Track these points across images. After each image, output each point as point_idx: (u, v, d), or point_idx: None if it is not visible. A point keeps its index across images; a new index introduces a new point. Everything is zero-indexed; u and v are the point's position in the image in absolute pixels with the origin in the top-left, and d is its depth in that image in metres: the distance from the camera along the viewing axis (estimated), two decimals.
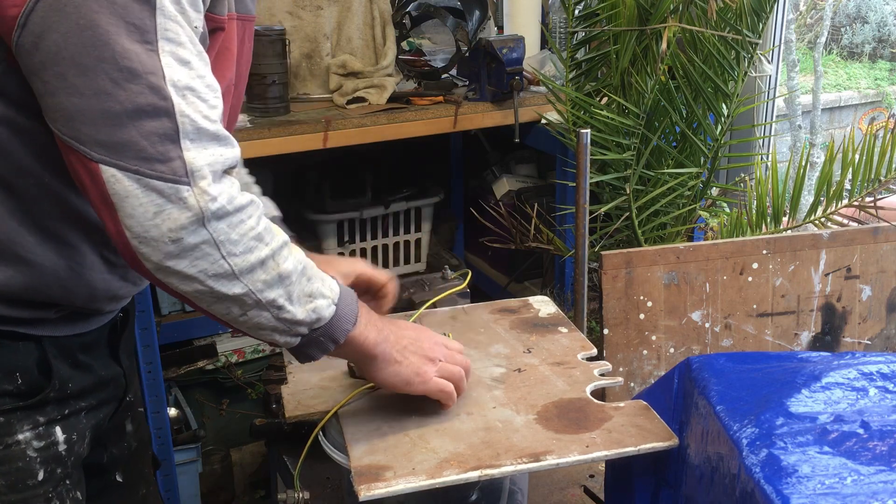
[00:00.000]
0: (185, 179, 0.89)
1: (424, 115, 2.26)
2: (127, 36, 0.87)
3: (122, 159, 0.88)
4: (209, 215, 0.91)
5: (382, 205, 2.72)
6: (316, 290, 1.02)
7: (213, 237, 0.92)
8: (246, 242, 0.94)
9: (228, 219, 0.93)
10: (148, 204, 0.89)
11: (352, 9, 2.34)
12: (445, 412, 1.20)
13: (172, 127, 0.89)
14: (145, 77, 0.88)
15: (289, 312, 0.99)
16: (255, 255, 0.95)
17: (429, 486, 1.05)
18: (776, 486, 0.87)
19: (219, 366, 2.51)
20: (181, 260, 0.91)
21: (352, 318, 1.06)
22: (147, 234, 0.90)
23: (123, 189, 0.88)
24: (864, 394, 1.02)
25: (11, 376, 1.03)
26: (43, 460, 1.06)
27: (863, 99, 8.48)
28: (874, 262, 1.84)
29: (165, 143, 0.89)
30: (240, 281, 0.95)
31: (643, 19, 2.09)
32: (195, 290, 0.94)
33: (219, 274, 0.93)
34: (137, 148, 0.88)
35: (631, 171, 2.12)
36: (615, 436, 1.14)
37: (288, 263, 0.98)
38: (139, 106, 0.87)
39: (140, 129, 0.88)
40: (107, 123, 0.87)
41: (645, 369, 1.76)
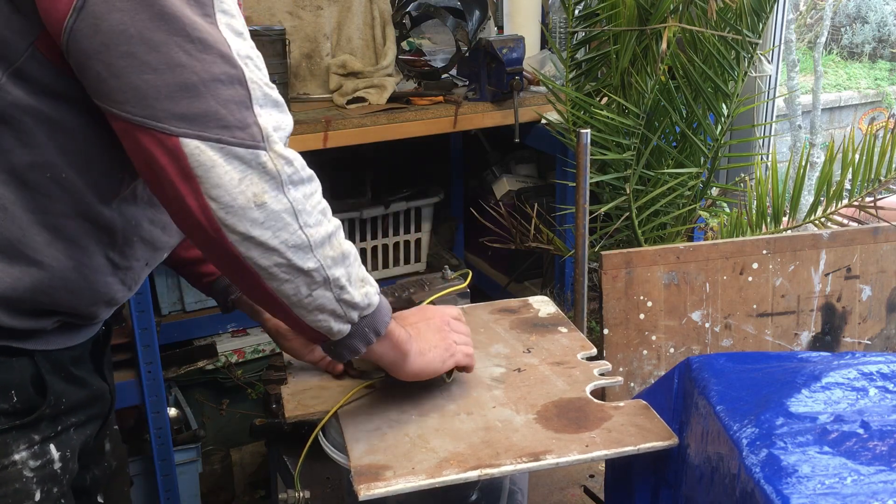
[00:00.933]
0: (262, 144, 0.90)
1: (424, 115, 2.26)
2: (190, 9, 0.87)
3: (204, 129, 0.88)
4: (286, 179, 0.92)
5: (382, 205, 2.72)
6: (365, 276, 1.03)
7: (292, 205, 0.93)
8: (316, 215, 0.96)
9: (303, 188, 0.94)
10: (232, 171, 0.89)
11: (352, 9, 2.34)
12: (446, 412, 1.20)
13: (245, 94, 0.90)
14: (216, 47, 0.88)
15: (349, 293, 1.00)
16: (325, 229, 0.97)
17: (429, 485, 1.05)
18: (776, 486, 0.87)
19: (219, 366, 2.51)
20: (265, 230, 0.91)
21: (389, 311, 1.08)
22: (234, 202, 0.89)
23: (209, 159, 0.88)
24: (864, 394, 1.02)
25: (7, 394, 1.01)
26: (39, 480, 1.04)
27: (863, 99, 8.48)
28: (874, 262, 1.84)
29: (242, 109, 0.90)
30: (313, 254, 0.95)
31: (643, 19, 2.09)
32: (274, 264, 0.94)
33: (297, 245, 0.94)
34: (218, 117, 0.88)
35: (631, 171, 2.12)
36: (615, 435, 1.14)
37: (346, 244, 1.00)
38: (215, 75, 0.88)
39: (218, 97, 0.88)
40: (185, 95, 0.87)
41: (645, 369, 1.76)
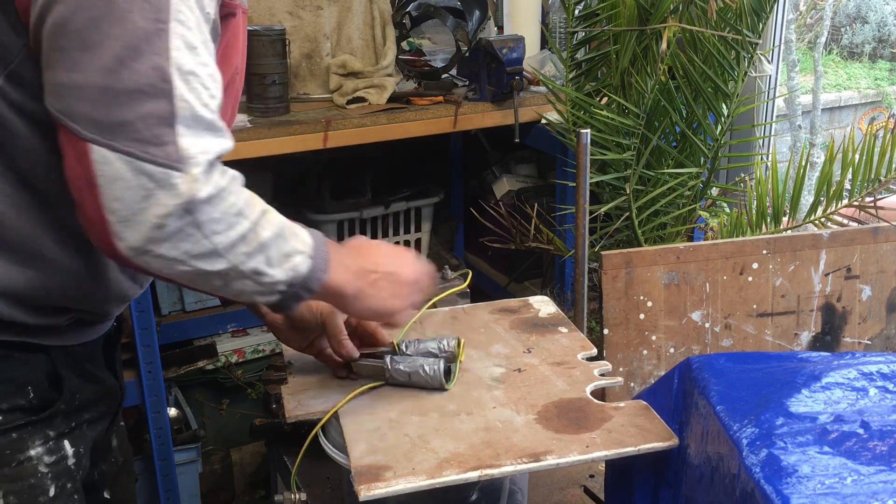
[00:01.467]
0: (177, 165, 0.87)
1: (424, 115, 2.26)
2: (140, 13, 0.85)
3: (115, 139, 0.85)
4: (196, 201, 0.88)
5: (382, 205, 2.72)
6: (292, 248, 1.01)
7: (196, 219, 0.89)
8: (228, 220, 0.92)
9: (215, 202, 0.91)
10: (137, 188, 0.86)
11: (352, 9, 2.34)
12: (446, 412, 1.20)
13: (170, 111, 0.87)
14: (150, 57, 0.86)
15: (269, 276, 0.98)
16: (237, 231, 0.93)
17: (429, 486, 1.05)
18: (776, 486, 0.87)
19: (219, 366, 2.51)
20: (164, 243, 0.89)
21: (324, 266, 1.05)
22: (133, 217, 0.87)
23: (113, 171, 0.85)
24: (864, 394, 1.02)
25: (24, 390, 1.02)
26: (54, 475, 1.05)
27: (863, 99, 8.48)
28: (874, 262, 1.84)
29: (162, 126, 0.86)
30: (223, 258, 0.93)
31: (643, 19, 2.09)
32: (178, 272, 0.92)
33: (202, 254, 0.91)
34: (132, 129, 0.85)
35: (631, 171, 2.12)
36: (615, 436, 1.14)
37: (266, 231, 0.97)
38: (140, 86, 0.85)
39: (137, 110, 0.85)
40: (105, 102, 0.85)
41: (645, 369, 1.76)
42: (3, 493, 1.02)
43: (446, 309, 1.55)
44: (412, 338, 1.36)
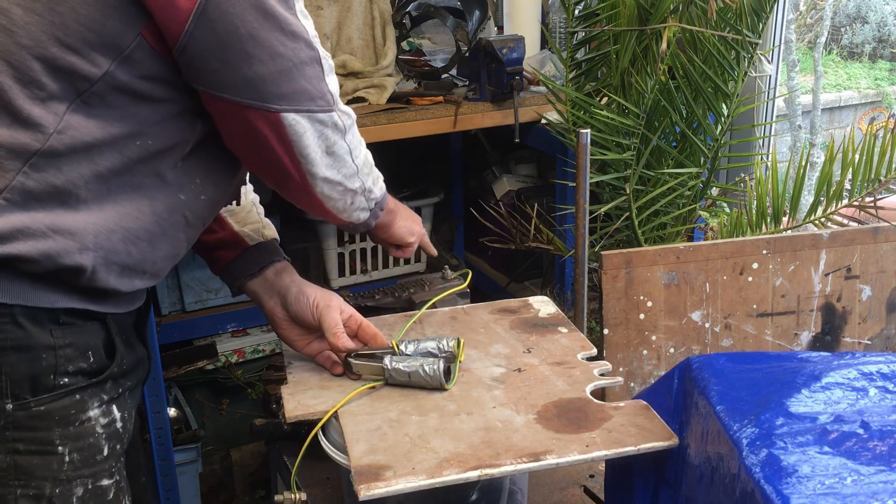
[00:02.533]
0: (332, 106, 1.13)
1: (424, 115, 2.26)
2: (281, 6, 1.06)
3: (298, 104, 1.09)
4: (345, 128, 1.16)
5: None
6: (377, 174, 1.30)
7: (348, 146, 1.18)
8: (357, 145, 1.20)
9: (352, 131, 1.18)
10: (316, 134, 1.12)
11: (352, 9, 2.34)
12: (446, 412, 1.20)
13: (321, 69, 1.12)
14: (302, 35, 1.08)
15: (374, 193, 1.29)
16: (363, 155, 1.23)
17: (429, 485, 1.05)
18: (776, 486, 0.87)
19: (219, 366, 2.51)
20: (333, 170, 1.17)
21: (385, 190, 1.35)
22: (315, 155, 1.13)
23: (301, 128, 1.10)
24: (864, 394, 1.02)
25: (85, 355, 1.10)
26: (107, 436, 1.13)
27: (863, 99, 8.48)
28: (874, 262, 1.84)
29: (320, 82, 1.12)
30: (358, 176, 1.22)
31: (643, 19, 2.09)
32: (336, 191, 1.20)
33: (350, 174, 1.20)
34: (307, 92, 1.10)
35: (631, 171, 2.12)
36: (615, 435, 1.14)
37: (368, 154, 1.26)
38: (302, 59, 1.08)
39: (306, 76, 1.09)
40: (284, 79, 1.07)
41: (645, 369, 1.76)
42: (69, 451, 1.09)
43: (446, 309, 1.55)
44: (412, 338, 1.36)
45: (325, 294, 1.34)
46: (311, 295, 1.32)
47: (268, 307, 1.36)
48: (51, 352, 1.06)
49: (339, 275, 2.72)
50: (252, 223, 1.39)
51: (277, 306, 1.35)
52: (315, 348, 1.35)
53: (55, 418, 1.08)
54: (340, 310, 1.33)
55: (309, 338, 1.35)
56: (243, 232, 1.37)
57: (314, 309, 1.31)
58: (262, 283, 1.36)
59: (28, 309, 1.04)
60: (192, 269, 2.47)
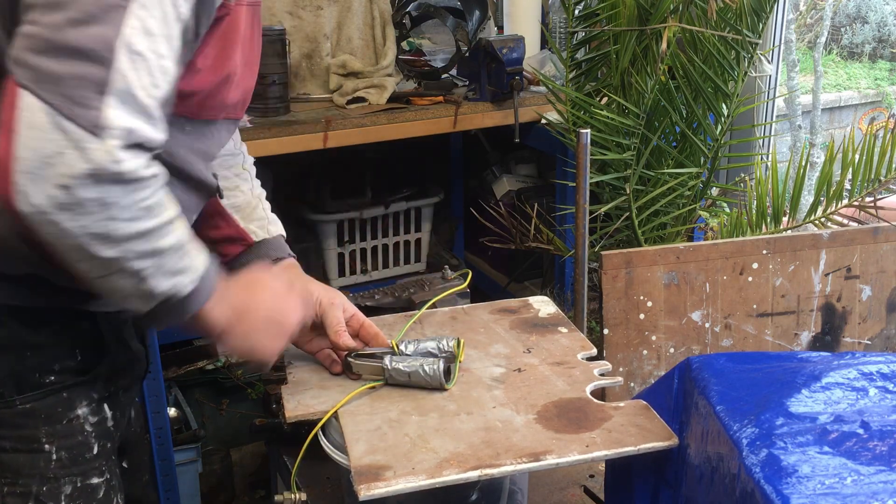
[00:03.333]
0: (95, 131, 0.87)
1: (424, 115, 2.26)
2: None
3: (43, 89, 0.86)
4: (106, 176, 0.88)
5: (382, 205, 2.72)
6: (184, 266, 1.00)
7: (103, 197, 0.89)
8: (134, 211, 0.92)
9: (124, 185, 0.90)
10: (50, 142, 0.86)
11: (352, 9, 2.34)
12: (446, 412, 1.20)
13: (104, 78, 0.88)
14: (101, 27, 0.88)
15: (149, 285, 0.98)
16: (139, 226, 0.93)
17: (429, 485, 1.05)
18: (776, 486, 0.87)
19: (219, 366, 2.51)
20: (64, 212, 0.88)
21: (206, 296, 1.05)
22: (39, 170, 0.86)
23: (33, 119, 0.86)
24: (864, 394, 1.02)
25: (73, 352, 1.09)
26: (97, 435, 1.13)
27: (863, 99, 8.48)
28: (874, 262, 1.84)
29: (91, 90, 0.87)
30: (116, 246, 0.93)
31: (643, 19, 2.09)
32: (68, 245, 0.92)
33: (97, 234, 0.91)
34: (64, 84, 0.87)
35: (631, 171, 2.12)
36: (615, 435, 1.14)
37: (168, 239, 0.97)
38: (81, 47, 0.87)
39: (73, 68, 0.87)
40: (46, 53, 0.86)
41: (645, 369, 1.76)
42: (56, 449, 1.09)
43: (446, 309, 1.55)
44: (412, 338, 1.36)
45: (329, 292, 1.33)
46: (315, 293, 1.32)
47: None
48: (36, 350, 1.06)
49: (339, 275, 2.72)
50: (258, 219, 1.37)
51: None
52: (316, 346, 1.34)
53: (41, 416, 1.08)
54: (343, 308, 1.32)
55: (310, 335, 1.35)
56: (248, 228, 1.35)
57: (317, 307, 1.31)
58: None
59: (13, 308, 1.04)
60: None
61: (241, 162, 1.39)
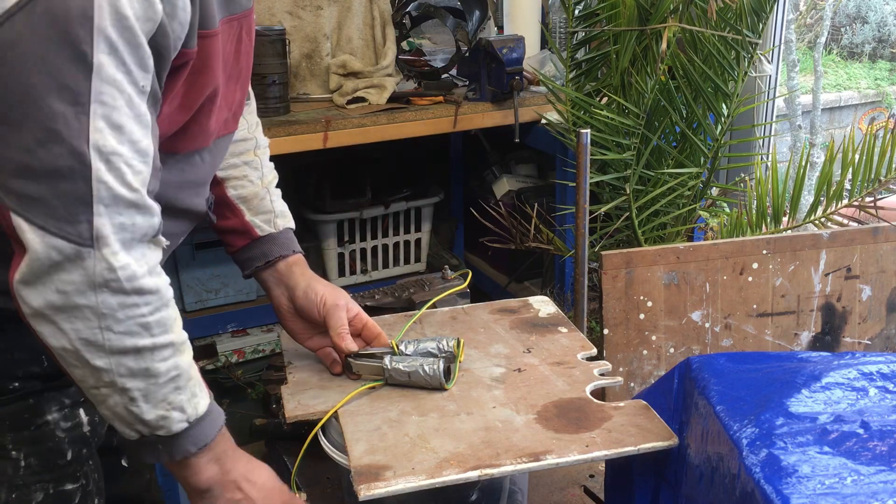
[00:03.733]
0: (88, 243, 0.89)
1: (424, 115, 2.26)
2: (58, 96, 0.86)
3: (30, 213, 0.87)
4: (101, 283, 0.90)
5: (382, 205, 2.72)
6: (178, 401, 0.99)
7: (97, 307, 0.90)
8: (129, 325, 0.93)
9: (121, 297, 0.91)
10: (45, 260, 0.88)
11: (352, 9, 2.34)
12: (446, 412, 1.20)
13: (87, 191, 0.88)
14: (68, 140, 0.87)
15: (139, 408, 0.97)
16: (133, 342, 0.93)
17: (429, 485, 1.05)
18: (776, 486, 0.87)
19: (219, 366, 2.51)
20: (59, 313, 0.90)
21: (199, 444, 1.03)
22: (36, 280, 0.89)
23: (26, 240, 0.88)
24: (864, 394, 1.02)
25: (38, 358, 1.06)
26: (70, 440, 1.11)
27: (863, 99, 8.48)
28: (874, 262, 1.84)
29: (77, 205, 0.88)
30: (107, 357, 0.93)
31: (643, 19, 2.09)
32: (61, 347, 0.93)
33: (89, 340, 0.92)
34: (48, 206, 0.87)
35: (631, 171, 2.12)
36: (615, 435, 1.14)
37: (164, 364, 0.96)
38: (57, 167, 0.87)
39: (54, 188, 0.87)
40: (23, 176, 0.87)
41: (645, 369, 1.76)
42: (24, 455, 1.07)
43: (446, 309, 1.55)
44: (412, 338, 1.36)
45: (334, 292, 1.33)
46: (320, 292, 1.31)
47: (274, 296, 1.35)
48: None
49: (339, 275, 2.72)
50: (265, 212, 1.35)
51: (284, 298, 1.34)
52: (317, 343, 1.34)
53: (6, 423, 1.05)
54: (347, 308, 1.32)
55: (312, 332, 1.34)
56: (253, 222, 1.33)
57: (321, 307, 1.30)
58: (272, 274, 1.34)
59: None
60: (192, 269, 2.47)
61: (254, 147, 1.36)
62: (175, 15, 0.93)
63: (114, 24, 0.87)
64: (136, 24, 0.89)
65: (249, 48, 1.18)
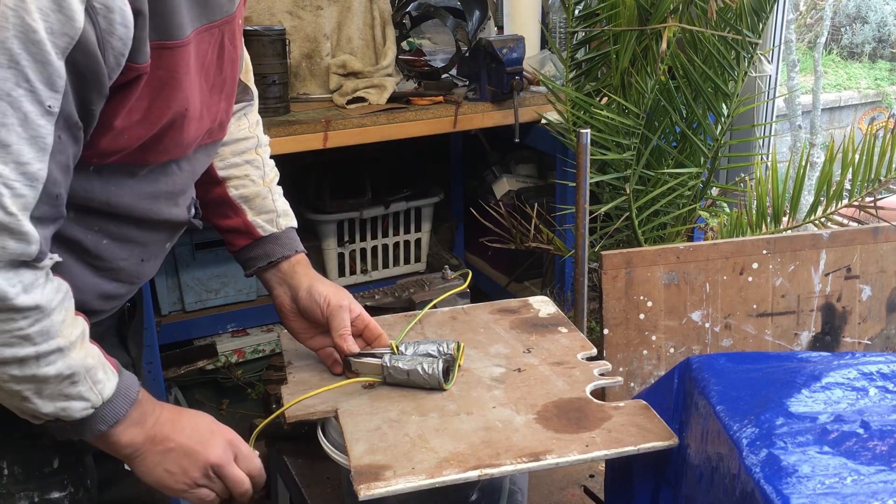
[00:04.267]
0: None
1: (424, 115, 2.26)
2: None
3: None
4: None
5: (382, 205, 2.72)
6: (76, 392, 0.97)
7: None
8: (6, 338, 0.90)
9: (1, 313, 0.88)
10: None
11: (352, 9, 2.34)
12: (446, 412, 1.20)
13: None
14: None
15: (34, 405, 0.96)
16: (13, 352, 0.91)
17: (429, 485, 1.05)
18: (776, 486, 0.87)
19: (219, 366, 2.52)
20: None
21: (110, 422, 1.02)
22: None
23: None
24: (864, 394, 1.02)
25: None
26: (57, 448, 1.09)
27: (863, 99, 8.48)
28: (874, 262, 1.83)
29: None
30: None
31: (643, 19, 2.09)
32: None
33: None
34: None
35: (631, 171, 2.12)
36: (615, 435, 1.14)
37: (51, 368, 0.94)
38: None
39: None
40: None
41: (645, 369, 1.76)
42: (9, 463, 1.06)
43: (446, 309, 1.55)
44: (412, 338, 1.36)
45: (337, 292, 1.32)
46: (324, 293, 1.30)
47: (276, 295, 1.34)
48: None
49: (339, 275, 2.72)
50: (267, 212, 1.34)
51: (286, 297, 1.33)
52: (318, 343, 1.34)
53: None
54: (350, 308, 1.31)
55: (314, 331, 1.34)
56: (256, 222, 1.32)
57: (325, 307, 1.29)
58: (275, 274, 1.34)
59: None
60: (192, 269, 2.47)
61: (255, 146, 1.35)
62: (112, 31, 0.89)
63: (18, 37, 0.83)
64: (47, 38, 0.84)
65: (234, 55, 1.15)
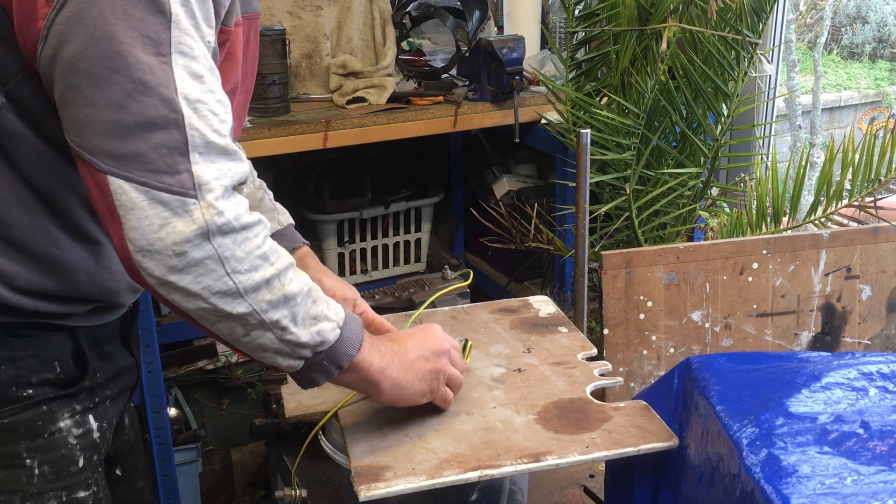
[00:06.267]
0: (192, 192, 0.88)
1: (424, 115, 2.26)
2: (142, 48, 0.86)
3: (129, 170, 0.87)
4: (214, 230, 0.89)
5: (382, 205, 2.72)
6: (321, 312, 1.00)
7: (217, 253, 0.90)
8: (251, 261, 0.93)
9: (234, 235, 0.91)
10: (153, 216, 0.87)
11: (352, 9, 2.34)
12: (446, 412, 1.20)
13: (182, 139, 0.88)
14: (157, 89, 0.87)
15: (292, 334, 0.97)
16: (260, 274, 0.93)
17: (429, 486, 1.05)
18: (776, 486, 0.87)
19: (219, 366, 2.52)
20: (185, 275, 0.90)
21: (356, 343, 1.04)
22: (151, 246, 0.88)
23: (129, 200, 0.87)
24: (864, 394, 1.02)
25: (51, 365, 1.06)
26: (82, 447, 1.10)
27: (863, 99, 8.48)
28: (874, 262, 1.83)
29: (174, 155, 0.88)
30: (244, 300, 0.93)
31: (643, 19, 2.09)
32: (198, 308, 0.93)
33: (223, 291, 0.91)
34: (146, 160, 0.87)
35: (631, 171, 2.12)
36: (615, 436, 1.14)
37: (293, 285, 0.97)
38: (150, 118, 0.87)
39: (150, 140, 0.87)
40: (117, 134, 0.87)
41: (645, 369, 1.76)
42: (38, 463, 1.06)
43: (446, 309, 1.55)
44: None
45: (343, 287, 1.32)
46: (329, 286, 1.30)
47: None
48: (10, 363, 1.03)
49: (339, 275, 2.72)
50: (267, 210, 1.35)
51: None
52: None
53: (20, 430, 1.05)
54: (355, 303, 1.31)
55: None
56: None
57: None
58: None
59: None
60: None
61: None
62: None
63: None
64: None
65: (255, 51, 1.19)
